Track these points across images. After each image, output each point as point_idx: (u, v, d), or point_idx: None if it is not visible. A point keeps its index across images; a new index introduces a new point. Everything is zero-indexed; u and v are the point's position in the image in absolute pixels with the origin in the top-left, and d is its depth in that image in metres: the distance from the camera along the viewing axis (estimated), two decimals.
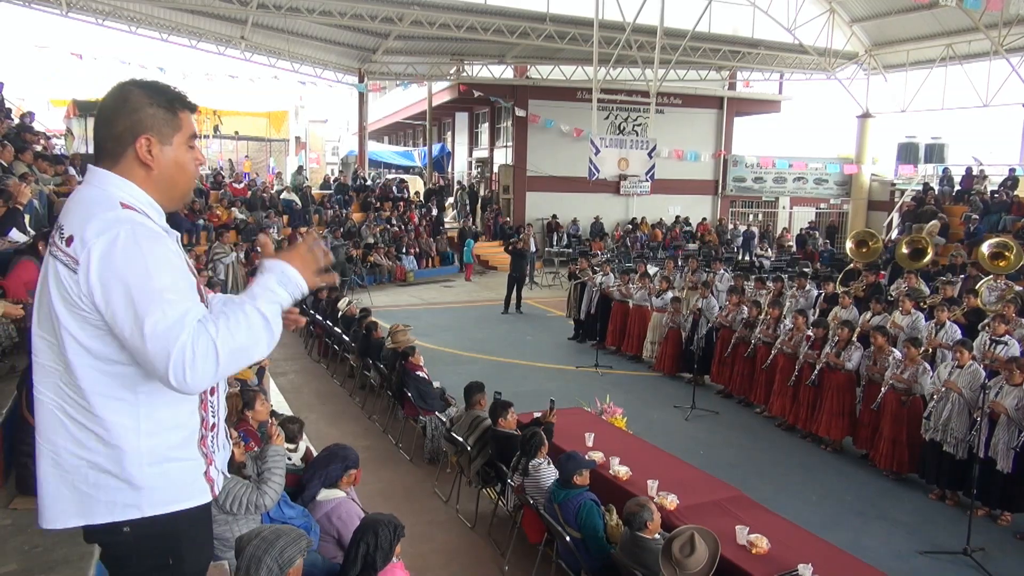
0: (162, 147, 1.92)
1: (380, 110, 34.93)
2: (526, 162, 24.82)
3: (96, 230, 1.77)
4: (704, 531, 3.99)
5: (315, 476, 4.37)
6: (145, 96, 1.91)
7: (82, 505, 1.90)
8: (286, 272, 1.89)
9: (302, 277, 1.91)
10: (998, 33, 18.63)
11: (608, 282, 12.78)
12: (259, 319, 1.80)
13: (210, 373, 1.73)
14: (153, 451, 1.90)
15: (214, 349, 1.71)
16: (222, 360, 1.73)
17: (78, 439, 1.87)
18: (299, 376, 10.80)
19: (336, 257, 17.72)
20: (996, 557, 5.89)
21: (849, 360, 8.04)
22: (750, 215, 28.34)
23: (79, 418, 1.86)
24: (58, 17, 18.69)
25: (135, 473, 1.88)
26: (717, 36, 22.61)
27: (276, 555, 2.82)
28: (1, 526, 3.95)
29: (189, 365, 1.69)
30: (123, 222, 1.79)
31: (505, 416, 6.05)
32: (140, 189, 1.92)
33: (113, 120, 1.90)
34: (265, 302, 1.83)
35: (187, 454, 1.99)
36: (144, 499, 1.91)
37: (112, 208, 1.82)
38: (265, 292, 1.84)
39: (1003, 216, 16.95)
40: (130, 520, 1.91)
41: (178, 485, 1.97)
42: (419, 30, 20.31)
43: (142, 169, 1.92)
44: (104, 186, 1.89)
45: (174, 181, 1.99)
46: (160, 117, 1.92)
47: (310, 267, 1.95)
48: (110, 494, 1.88)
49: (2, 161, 9.62)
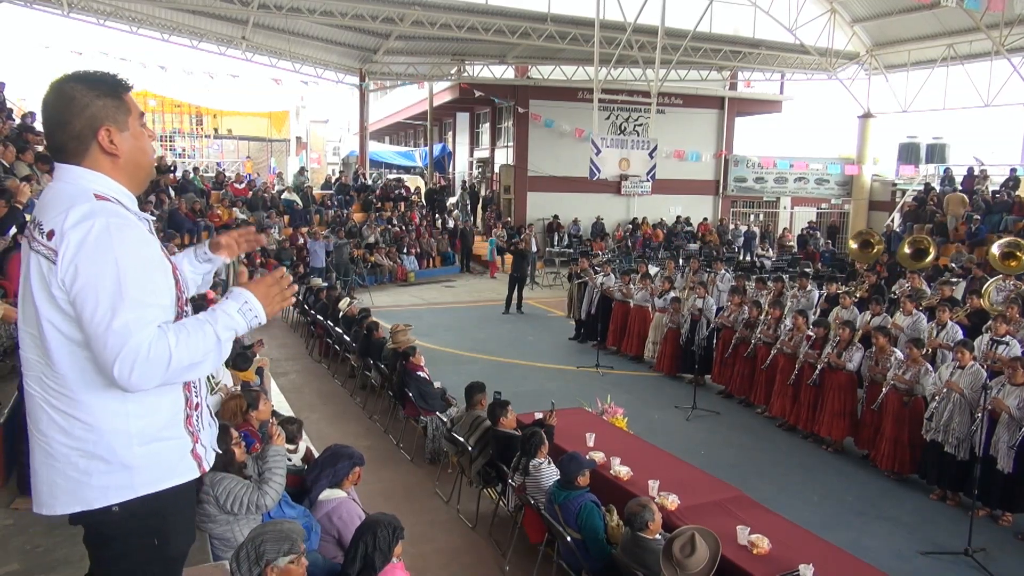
0: (121, 134, 1.99)
1: (381, 110, 34.93)
2: (527, 162, 24.82)
3: (73, 222, 1.83)
4: (705, 531, 3.98)
5: (322, 475, 4.36)
6: (88, 89, 1.95)
7: (76, 492, 1.96)
8: (249, 302, 1.97)
9: (263, 308, 2.00)
10: (999, 33, 18.61)
11: (609, 282, 12.79)
12: (214, 341, 1.89)
13: (155, 378, 1.82)
14: (142, 432, 1.98)
15: (168, 358, 1.80)
16: (171, 369, 1.82)
17: (64, 428, 1.94)
18: (300, 376, 10.81)
19: (338, 257, 17.74)
20: (997, 557, 5.89)
21: (850, 360, 8.04)
22: (751, 215, 28.32)
23: (63, 407, 1.93)
24: (60, 17, 18.72)
25: (126, 454, 1.96)
26: (718, 36, 22.60)
27: (256, 544, 2.85)
28: (3, 526, 3.96)
29: (138, 365, 1.78)
30: (98, 214, 1.86)
31: (504, 415, 6.05)
32: (110, 179, 1.99)
33: (68, 120, 1.94)
34: (223, 327, 1.91)
35: (174, 433, 2.06)
36: (136, 479, 1.98)
37: (87, 200, 1.88)
38: (225, 317, 1.93)
39: (1004, 216, 16.93)
40: (121, 501, 1.98)
41: (167, 464, 2.05)
42: (420, 30, 20.31)
43: (108, 159, 1.98)
44: (75, 180, 1.95)
45: (139, 163, 2.06)
46: (111, 105, 1.97)
47: (273, 300, 2.04)
48: (102, 479, 1.95)
49: (4, 161, 9.64)
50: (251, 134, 32.58)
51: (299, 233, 18.82)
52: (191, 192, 18.43)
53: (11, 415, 4.54)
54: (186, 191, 18.28)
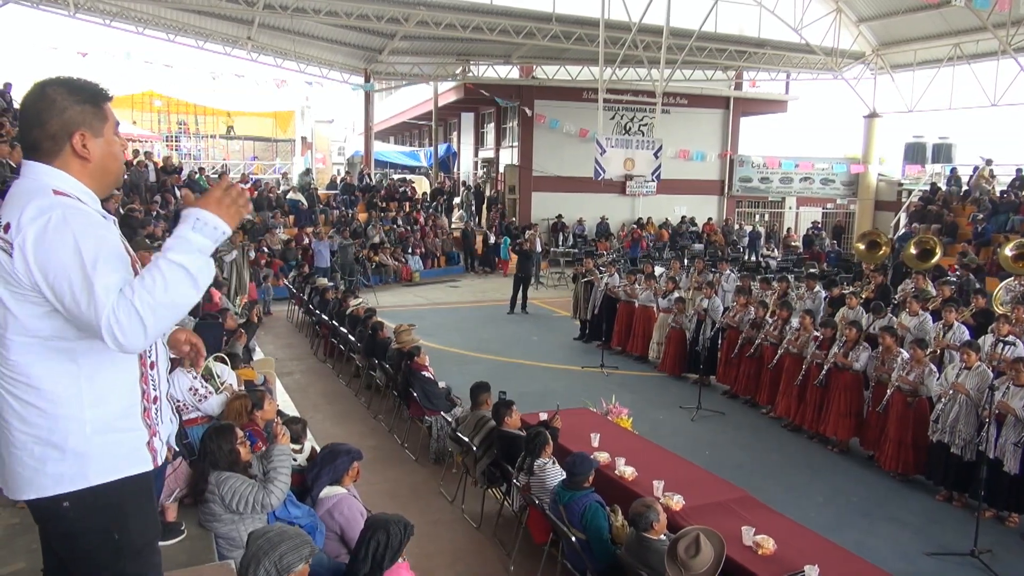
0: (95, 139, 2.05)
1: (386, 110, 34.98)
2: (532, 162, 24.81)
3: (30, 216, 1.88)
4: (709, 531, 3.97)
5: (322, 473, 4.37)
6: (69, 95, 2.02)
7: (32, 480, 2.00)
8: (200, 217, 1.93)
9: (219, 218, 1.95)
10: (1006, 32, 18.53)
11: (614, 282, 12.78)
12: (175, 270, 1.85)
13: (139, 332, 1.82)
14: (96, 420, 2.01)
15: (134, 311, 1.81)
16: (146, 318, 1.82)
17: (21, 415, 1.98)
18: (305, 376, 10.83)
19: (343, 257, 17.76)
20: (1004, 559, 5.87)
21: (857, 360, 8.02)
22: (756, 215, 28.27)
23: (20, 394, 1.98)
24: (66, 18, 18.81)
25: (79, 442, 1.99)
26: (723, 36, 22.55)
27: (276, 559, 2.82)
28: (9, 524, 3.97)
29: (118, 330, 1.81)
30: (55, 207, 1.90)
31: (509, 415, 6.05)
32: (74, 179, 2.04)
33: (45, 121, 2.01)
34: (178, 252, 1.88)
35: (130, 424, 2.10)
36: (90, 467, 2.01)
37: (46, 196, 1.93)
38: (179, 242, 1.90)
39: (1011, 216, 16.87)
40: (72, 492, 2.01)
41: (121, 454, 2.07)
42: (425, 30, 20.34)
43: (78, 162, 2.04)
44: (38, 177, 2.00)
45: (107, 169, 2.12)
46: (89, 112, 2.04)
47: (226, 207, 1.98)
48: (56, 466, 1.99)
49: (11, 162, 9.66)
50: (256, 134, 32.63)
51: (304, 233, 18.85)
52: (197, 192, 18.48)
53: None
54: (192, 191, 18.32)
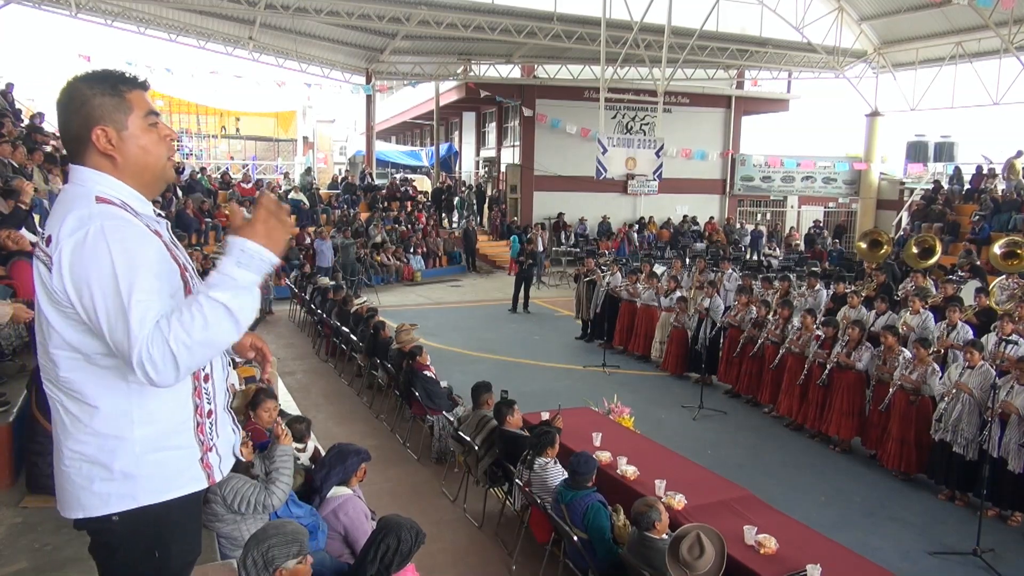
0: (119, 134, 1.88)
1: (388, 110, 34.96)
2: (533, 161, 24.80)
3: (69, 229, 1.77)
4: (708, 529, 3.97)
5: (332, 473, 4.36)
6: (87, 87, 1.87)
7: (79, 498, 1.92)
8: (245, 250, 1.76)
9: (266, 249, 1.78)
10: (1008, 31, 18.48)
11: (615, 282, 12.77)
12: (216, 309, 1.71)
13: (171, 371, 1.71)
14: (145, 439, 1.91)
15: (168, 350, 1.69)
16: (180, 357, 1.70)
17: (71, 433, 1.90)
18: (307, 376, 10.83)
19: (345, 257, 17.76)
20: (1006, 558, 5.86)
21: (859, 360, 8.01)
22: (758, 214, 28.24)
23: (73, 410, 1.89)
24: (67, 18, 18.82)
25: (128, 463, 1.89)
26: (725, 35, 22.52)
27: (264, 550, 2.83)
28: (12, 524, 3.98)
29: (150, 367, 1.69)
30: (94, 218, 1.78)
31: (511, 414, 6.05)
32: (118, 181, 1.90)
33: (68, 121, 1.88)
34: (221, 290, 1.73)
35: (182, 442, 1.98)
36: (139, 488, 1.92)
37: (87, 204, 1.81)
38: (222, 279, 1.74)
39: (1013, 215, 16.83)
40: (121, 511, 1.92)
41: (172, 473, 1.97)
42: (426, 30, 20.32)
43: (107, 161, 1.89)
44: (83, 182, 1.88)
45: (143, 165, 1.94)
46: (108, 104, 1.87)
47: (275, 236, 1.81)
48: (103, 485, 1.90)
49: (13, 162, 9.67)
50: (258, 134, 32.67)
51: (306, 233, 18.86)
52: (198, 192, 18.50)
53: (20, 414, 4.56)
54: (193, 191, 18.36)
